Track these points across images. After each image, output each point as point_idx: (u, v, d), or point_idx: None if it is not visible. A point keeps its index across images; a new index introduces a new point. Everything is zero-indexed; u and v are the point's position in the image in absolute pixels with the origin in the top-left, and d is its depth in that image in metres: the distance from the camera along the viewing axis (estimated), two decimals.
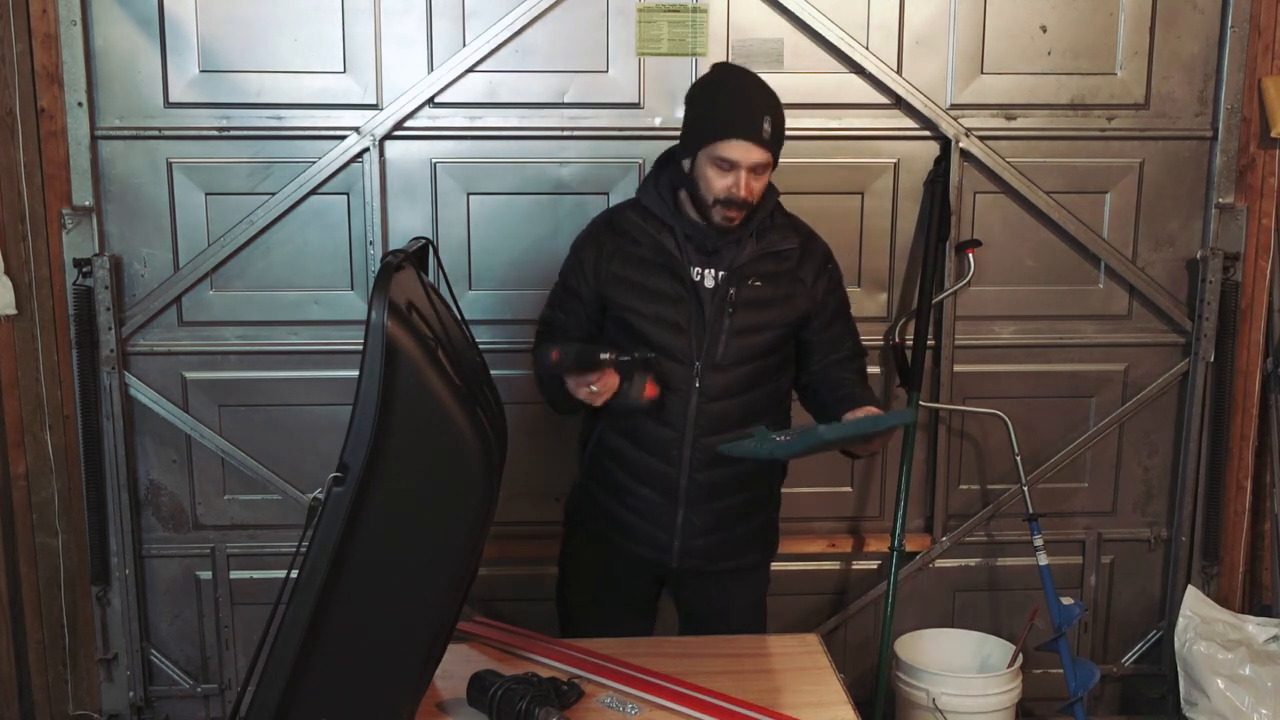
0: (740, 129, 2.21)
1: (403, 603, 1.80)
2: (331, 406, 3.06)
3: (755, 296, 2.33)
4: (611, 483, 2.44)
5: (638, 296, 2.34)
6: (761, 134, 2.21)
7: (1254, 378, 3.23)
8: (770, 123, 2.22)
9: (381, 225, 3.00)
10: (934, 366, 3.18)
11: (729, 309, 2.31)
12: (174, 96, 2.94)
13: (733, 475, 2.38)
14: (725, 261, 2.32)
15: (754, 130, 2.21)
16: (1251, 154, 3.13)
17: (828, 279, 2.43)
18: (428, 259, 2.27)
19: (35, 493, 3.07)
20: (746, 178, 2.23)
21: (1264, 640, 3.15)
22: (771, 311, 2.35)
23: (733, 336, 2.32)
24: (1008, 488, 3.25)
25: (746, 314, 2.32)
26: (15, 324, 2.96)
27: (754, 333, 2.34)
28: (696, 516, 2.40)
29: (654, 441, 2.37)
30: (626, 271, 2.36)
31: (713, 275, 2.32)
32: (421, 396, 1.71)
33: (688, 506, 2.39)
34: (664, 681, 2.14)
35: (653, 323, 2.33)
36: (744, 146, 2.21)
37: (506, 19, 2.94)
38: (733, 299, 2.31)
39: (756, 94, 2.26)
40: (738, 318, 2.32)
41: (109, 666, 3.18)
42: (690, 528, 2.40)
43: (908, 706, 3.02)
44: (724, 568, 2.46)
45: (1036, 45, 3.06)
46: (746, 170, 2.22)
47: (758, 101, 2.24)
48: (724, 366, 2.33)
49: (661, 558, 2.44)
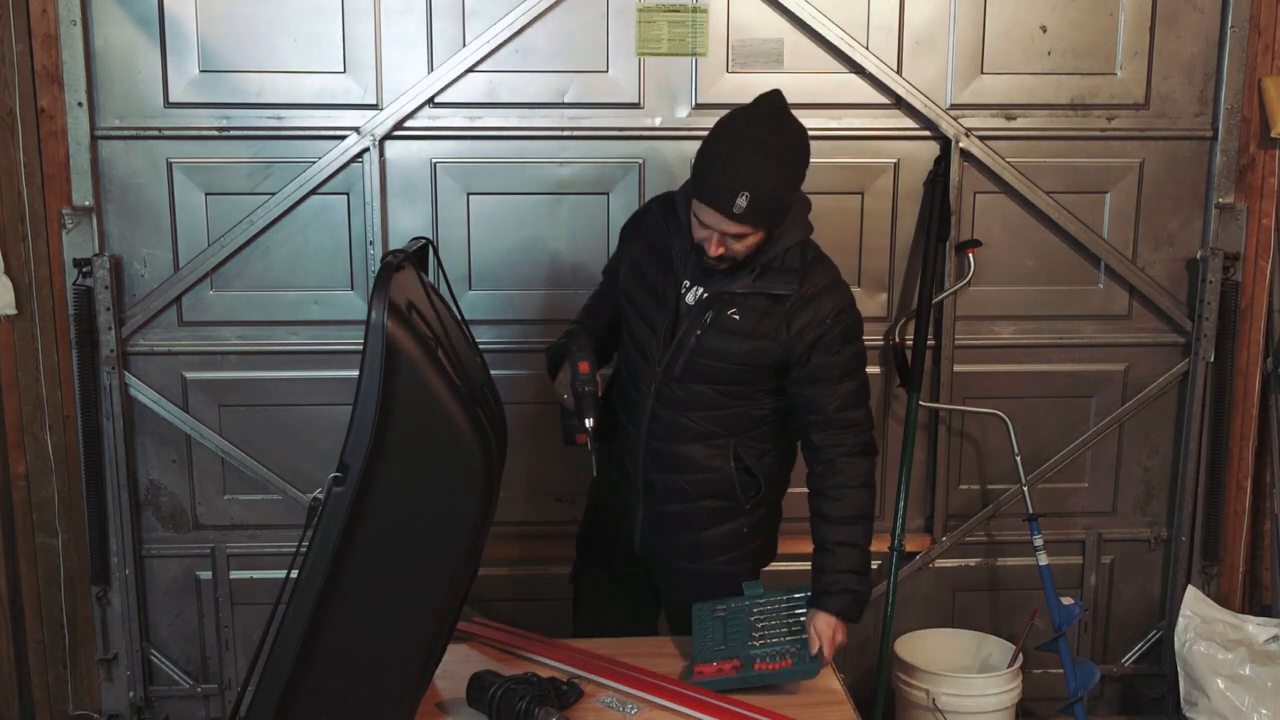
0: (713, 198, 2.14)
1: (402, 603, 1.81)
2: (331, 406, 3.06)
3: (729, 326, 2.27)
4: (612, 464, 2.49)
5: (637, 286, 2.40)
6: (733, 209, 2.11)
7: (1254, 378, 3.23)
8: (748, 198, 2.10)
9: (381, 225, 3.00)
10: (934, 366, 3.18)
11: (698, 330, 2.29)
12: (174, 96, 2.94)
13: (691, 482, 2.38)
14: (715, 285, 2.29)
15: (725, 204, 2.11)
16: (1251, 154, 3.13)
17: (821, 335, 2.27)
18: (428, 259, 2.27)
19: (35, 493, 3.07)
20: (718, 239, 2.17)
21: (1264, 640, 3.15)
22: (742, 344, 2.28)
23: (696, 355, 2.30)
24: (1008, 488, 3.25)
25: (714, 338, 2.28)
26: (15, 324, 2.96)
27: (716, 358, 2.29)
28: (654, 514, 2.43)
29: (622, 436, 2.44)
30: (639, 262, 2.41)
31: (698, 293, 2.31)
32: (421, 396, 1.71)
33: (646, 502, 2.43)
34: (664, 682, 2.14)
35: (637, 316, 2.38)
36: (715, 215, 2.14)
37: (506, 19, 2.94)
38: (706, 321, 2.28)
39: (744, 163, 2.12)
40: (706, 339, 2.29)
41: (109, 666, 3.18)
42: (649, 522, 2.44)
43: (908, 706, 3.02)
44: (698, 568, 2.45)
45: (1036, 45, 3.06)
46: (719, 234, 2.17)
47: (740, 174, 2.11)
48: (680, 380, 2.32)
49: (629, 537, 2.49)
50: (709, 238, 2.18)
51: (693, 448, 2.36)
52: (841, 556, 2.28)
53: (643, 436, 2.38)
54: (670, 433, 2.36)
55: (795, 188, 2.24)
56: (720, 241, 2.18)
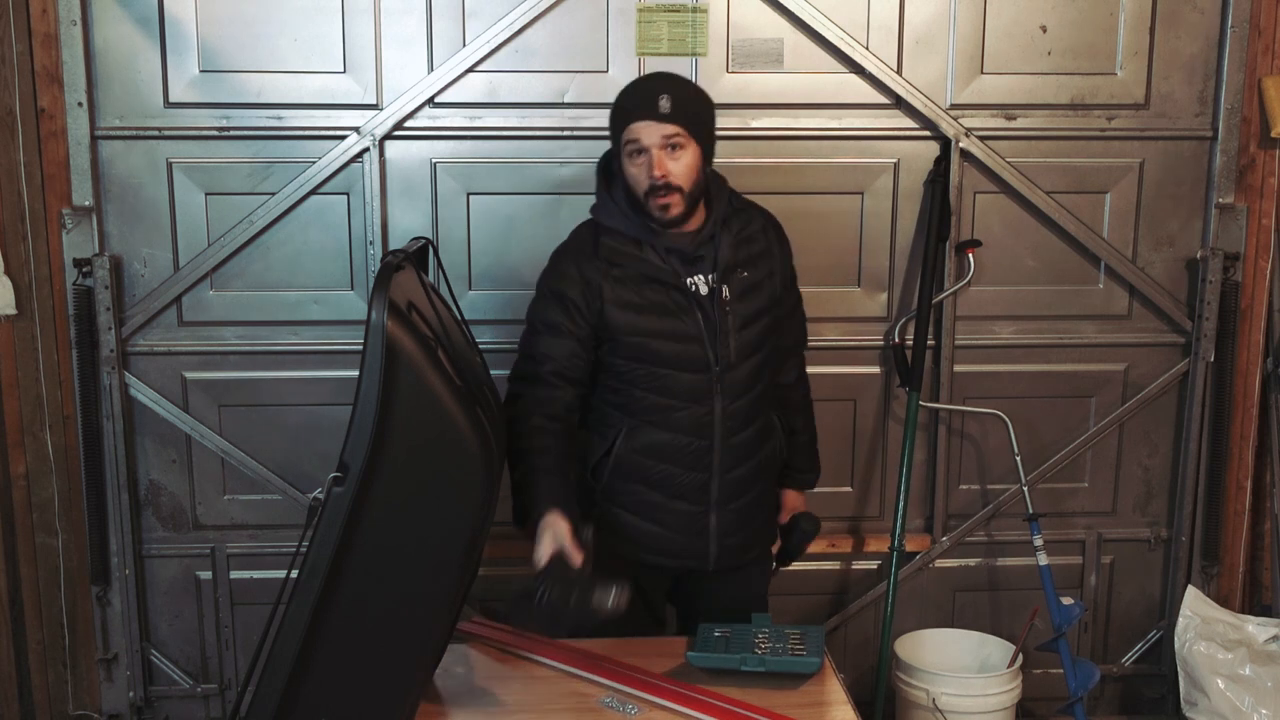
0: (638, 112, 2.25)
1: (402, 602, 1.81)
2: (331, 406, 3.06)
3: (745, 286, 2.37)
4: (635, 502, 2.40)
5: (644, 318, 2.31)
6: (658, 109, 2.22)
7: (1254, 378, 3.23)
8: (670, 99, 2.23)
9: (381, 225, 3.00)
10: (934, 366, 3.18)
11: (727, 306, 2.33)
12: (174, 96, 2.94)
13: (754, 468, 2.44)
14: (708, 264, 2.34)
15: (650, 108, 2.23)
16: (1251, 154, 3.13)
17: (787, 246, 2.52)
18: (428, 259, 2.27)
19: (35, 493, 3.07)
20: (658, 157, 2.23)
21: (1264, 640, 3.15)
22: (761, 295, 2.39)
23: (739, 332, 2.35)
24: (1008, 488, 3.25)
25: (742, 305, 2.35)
26: (15, 324, 2.96)
27: (753, 321, 2.37)
28: (727, 517, 2.42)
29: (686, 455, 2.36)
30: (625, 296, 2.32)
31: (704, 280, 2.33)
32: (421, 396, 1.71)
33: (719, 509, 2.41)
34: (664, 682, 2.14)
35: (664, 339, 2.32)
36: (644, 126, 2.23)
37: (506, 19, 2.94)
38: (728, 296, 2.33)
39: (653, 78, 2.35)
40: (737, 311, 2.34)
41: (109, 666, 3.18)
42: (723, 529, 2.42)
43: (908, 706, 3.02)
44: (748, 559, 2.51)
45: (1036, 45, 3.06)
46: (657, 150, 2.23)
47: (652, 83, 2.31)
48: (737, 364, 2.35)
49: (697, 565, 2.44)
50: (646, 162, 2.24)
51: (753, 429, 2.42)
52: (812, 438, 2.66)
53: (718, 443, 2.36)
54: (741, 423, 2.39)
55: (709, 106, 2.36)
56: (659, 163, 2.23)
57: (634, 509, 2.41)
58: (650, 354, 2.32)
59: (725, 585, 2.50)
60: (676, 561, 2.44)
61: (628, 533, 2.42)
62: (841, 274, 3.14)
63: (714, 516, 2.40)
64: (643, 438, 2.36)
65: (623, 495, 2.41)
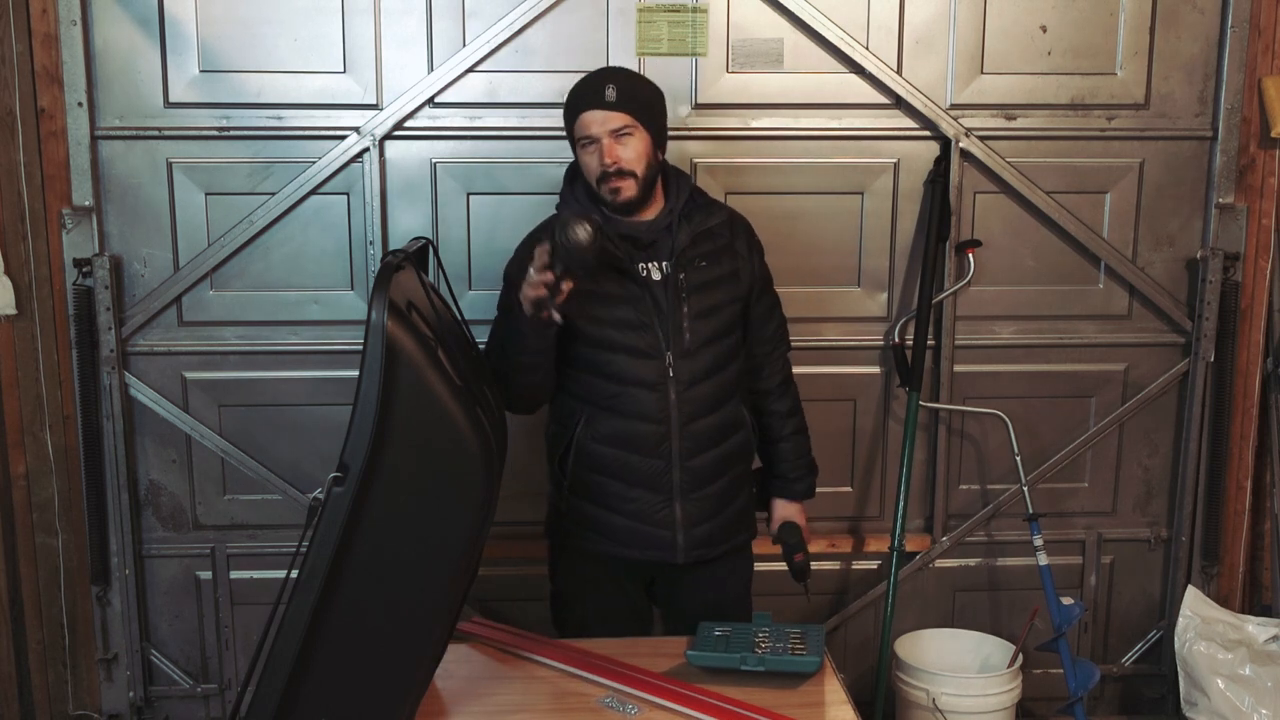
0: (584, 103, 2.32)
1: (402, 602, 1.81)
2: (331, 406, 3.06)
3: (703, 278, 2.39)
4: (600, 493, 2.43)
5: (595, 304, 2.34)
6: (604, 99, 2.29)
7: (1254, 378, 3.23)
8: (615, 89, 2.31)
9: (381, 225, 3.00)
10: (934, 366, 3.18)
11: (683, 294, 2.36)
12: (174, 96, 2.94)
13: (718, 458, 2.43)
14: (664, 251, 2.37)
15: (597, 98, 2.30)
16: (1251, 154, 3.13)
17: (758, 251, 2.53)
18: (428, 259, 2.27)
19: (35, 493, 3.07)
20: (609, 144, 2.30)
21: (1264, 640, 3.15)
22: (721, 289, 2.42)
23: (694, 321, 2.37)
24: (1008, 488, 3.25)
25: (699, 296, 2.38)
26: (15, 324, 2.96)
27: (711, 313, 2.40)
28: (693, 506, 2.42)
29: (641, 440, 2.38)
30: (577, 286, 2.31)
31: (658, 267, 2.37)
32: (421, 396, 1.71)
33: (683, 498, 2.41)
34: (664, 682, 2.14)
35: (615, 327, 2.35)
36: (592, 116, 2.31)
37: (506, 19, 2.94)
38: (683, 284, 2.36)
39: (601, 71, 2.39)
40: (693, 301, 2.37)
41: (109, 666, 3.18)
42: (689, 518, 2.42)
43: (908, 706, 3.02)
44: (721, 552, 2.49)
45: (1036, 45, 3.06)
46: (607, 139, 2.30)
47: (599, 75, 2.36)
48: (692, 352, 2.37)
49: (664, 556, 2.44)
50: (597, 150, 2.31)
51: (715, 417, 2.42)
52: (799, 444, 2.60)
53: (675, 429, 2.37)
54: (697, 409, 2.39)
55: (657, 95, 2.41)
56: (609, 150, 2.30)
57: (599, 500, 2.43)
58: (604, 340, 2.36)
59: (698, 583, 2.50)
60: (644, 553, 2.44)
61: (595, 526, 2.45)
62: (841, 274, 3.14)
63: (678, 505, 2.41)
64: (601, 426, 2.40)
65: (587, 486, 2.44)
